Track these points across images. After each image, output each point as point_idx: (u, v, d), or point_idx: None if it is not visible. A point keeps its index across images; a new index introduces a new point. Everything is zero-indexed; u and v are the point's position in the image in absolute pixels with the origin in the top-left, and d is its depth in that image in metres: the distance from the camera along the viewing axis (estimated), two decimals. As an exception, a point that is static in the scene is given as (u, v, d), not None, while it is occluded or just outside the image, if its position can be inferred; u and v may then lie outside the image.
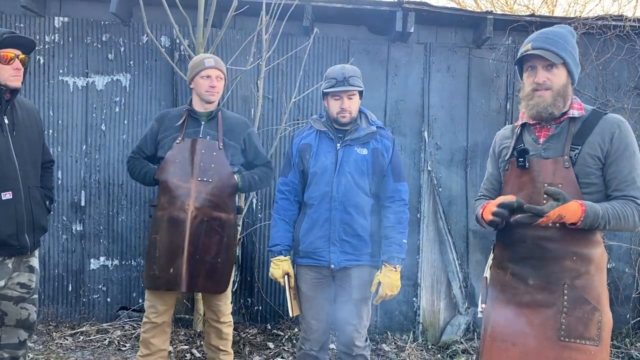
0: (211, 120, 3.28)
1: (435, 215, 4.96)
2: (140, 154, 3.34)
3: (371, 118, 3.11)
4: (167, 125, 3.27)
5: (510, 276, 2.28)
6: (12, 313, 2.73)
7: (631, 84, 5.02)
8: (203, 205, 3.14)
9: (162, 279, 3.12)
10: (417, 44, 4.98)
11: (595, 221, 2.06)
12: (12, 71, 2.61)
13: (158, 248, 3.13)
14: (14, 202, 2.63)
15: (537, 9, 9.85)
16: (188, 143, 3.18)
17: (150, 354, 3.23)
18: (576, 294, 2.13)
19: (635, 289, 5.03)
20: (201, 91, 3.23)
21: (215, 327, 3.37)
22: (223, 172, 3.22)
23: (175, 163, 3.16)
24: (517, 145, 2.34)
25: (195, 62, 3.28)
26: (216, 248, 3.18)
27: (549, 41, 2.21)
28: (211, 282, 3.21)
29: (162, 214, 3.14)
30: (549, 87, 2.20)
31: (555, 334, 2.13)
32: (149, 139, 3.32)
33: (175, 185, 3.13)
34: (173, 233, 3.11)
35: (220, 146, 3.23)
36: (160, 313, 3.22)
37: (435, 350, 4.75)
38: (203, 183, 3.14)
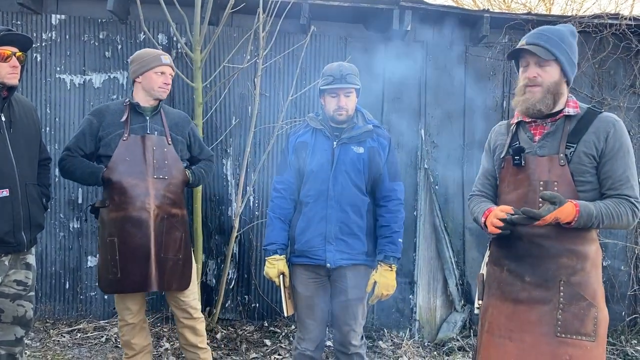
0: (155, 115, 3.20)
1: (432, 213, 4.98)
2: (77, 151, 3.12)
3: (367, 117, 3.12)
4: (109, 121, 3.11)
5: (506, 273, 2.30)
6: (8, 310, 2.74)
7: (627, 83, 5.03)
8: (162, 203, 3.10)
9: (127, 281, 3.03)
10: (414, 41, 4.98)
11: (588, 221, 2.09)
12: (9, 69, 2.61)
13: (118, 250, 3.02)
14: (10, 200, 2.63)
15: (534, 7, 9.85)
16: (137, 140, 3.09)
17: (136, 353, 3.21)
18: (572, 290, 2.15)
19: (631, 287, 5.05)
20: (153, 87, 3.13)
21: (189, 326, 3.30)
22: (176, 168, 3.19)
23: (126, 161, 3.05)
24: (512, 142, 2.36)
25: (149, 57, 3.15)
26: (177, 245, 3.15)
27: (543, 37, 2.22)
28: (176, 280, 3.16)
29: (118, 215, 3.03)
30: (539, 84, 2.21)
31: (552, 330, 2.15)
32: (87, 136, 3.12)
33: (131, 185, 3.03)
34: (136, 234, 3.03)
35: (169, 142, 3.19)
36: (135, 313, 3.17)
37: (432, 347, 4.77)
38: (159, 180, 3.10)
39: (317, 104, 4.84)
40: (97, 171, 3.08)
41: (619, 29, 4.80)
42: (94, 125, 3.13)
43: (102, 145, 3.10)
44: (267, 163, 4.85)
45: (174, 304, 3.30)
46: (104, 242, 3.08)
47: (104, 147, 3.10)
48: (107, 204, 3.08)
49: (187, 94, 4.72)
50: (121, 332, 3.20)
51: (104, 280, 3.10)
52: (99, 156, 3.15)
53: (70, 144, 3.15)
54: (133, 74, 3.18)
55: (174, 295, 3.24)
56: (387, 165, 3.04)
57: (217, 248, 4.84)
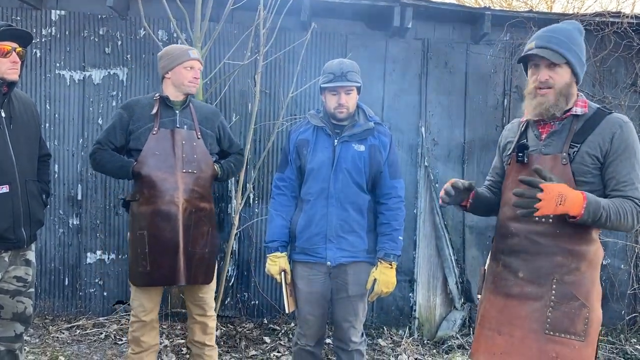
0: (184, 109, 3.22)
1: (432, 211, 4.98)
2: (108, 145, 3.14)
3: (369, 114, 3.10)
4: (139, 115, 3.12)
5: (501, 267, 2.32)
6: (8, 306, 2.73)
7: (628, 81, 5.03)
8: (191, 197, 3.11)
9: (156, 274, 3.06)
10: (414, 39, 4.97)
11: (597, 211, 2.03)
12: (9, 64, 2.60)
13: (147, 244, 3.04)
14: (10, 196, 2.62)
15: (535, 5, 9.84)
16: (167, 133, 3.10)
17: (143, 350, 3.19)
18: (564, 289, 2.15)
19: (631, 286, 5.05)
20: (183, 81, 3.15)
21: (201, 322, 3.31)
22: (205, 163, 3.20)
23: (156, 155, 3.06)
24: (520, 140, 2.36)
25: (177, 52, 3.17)
26: (204, 239, 3.17)
27: (553, 40, 2.19)
28: (202, 274, 3.19)
29: (148, 209, 3.05)
30: (551, 86, 2.20)
31: (541, 327, 2.16)
32: (118, 130, 3.13)
33: (161, 178, 3.05)
34: (165, 228, 3.05)
35: (199, 136, 3.20)
36: (148, 311, 3.16)
37: (431, 345, 4.77)
38: (188, 174, 3.11)
39: (317, 101, 4.84)
40: (127, 165, 3.09)
41: (620, 27, 4.79)
42: (125, 118, 3.13)
43: (132, 139, 3.12)
44: (267, 160, 4.85)
45: (190, 299, 3.31)
46: (135, 235, 3.09)
47: (134, 141, 3.11)
48: (137, 197, 3.10)
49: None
50: (132, 327, 3.19)
51: (134, 273, 3.12)
52: (129, 150, 3.17)
53: (101, 137, 3.17)
54: (162, 70, 3.19)
55: (192, 291, 3.27)
56: (388, 163, 3.04)
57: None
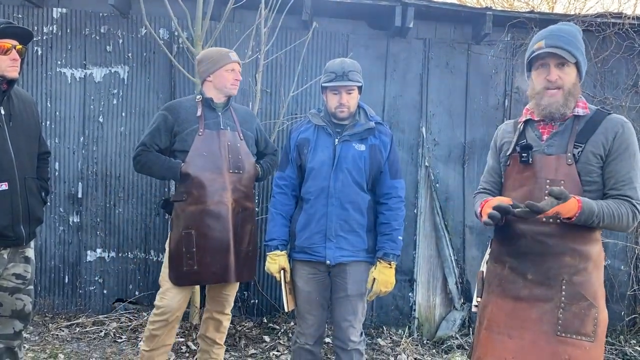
0: (226, 111, 3.27)
1: (432, 211, 4.97)
2: (153, 147, 3.16)
3: (370, 113, 3.10)
4: (183, 117, 3.16)
5: (508, 270, 2.29)
6: (7, 304, 2.73)
7: (629, 82, 5.02)
8: (238, 197, 3.19)
9: (206, 273, 3.11)
10: (416, 39, 4.97)
11: (589, 218, 2.07)
12: (9, 61, 2.60)
13: (195, 243, 3.08)
14: (9, 193, 2.62)
15: (537, 5, 9.83)
16: (213, 135, 3.16)
17: (156, 348, 3.19)
18: (574, 290, 2.14)
19: (630, 287, 5.05)
20: (225, 84, 3.20)
21: (217, 319, 3.36)
22: (248, 163, 3.28)
23: (204, 156, 3.12)
24: (519, 141, 2.35)
25: (218, 55, 3.20)
26: (248, 237, 3.26)
27: (562, 39, 2.20)
28: (247, 271, 3.28)
29: (196, 208, 3.10)
30: (560, 86, 2.20)
31: (552, 329, 2.14)
32: (162, 132, 3.16)
33: (210, 179, 3.11)
34: (215, 227, 3.10)
35: (241, 137, 3.27)
36: (175, 311, 3.15)
37: (431, 345, 4.77)
38: (235, 175, 3.18)
39: (318, 101, 4.83)
40: (176, 166, 3.12)
41: (622, 28, 4.79)
42: (169, 120, 3.16)
43: (178, 140, 3.16)
44: (267, 159, 4.84)
45: (213, 295, 3.35)
46: (179, 235, 3.12)
47: (180, 142, 3.15)
48: (185, 197, 3.13)
49: (189, 89, 4.71)
50: (153, 325, 3.16)
51: (177, 272, 3.13)
52: (173, 151, 3.19)
53: (145, 139, 3.18)
54: (203, 74, 3.22)
55: (218, 287, 3.31)
56: (389, 162, 3.04)
57: (217, 244, 4.83)
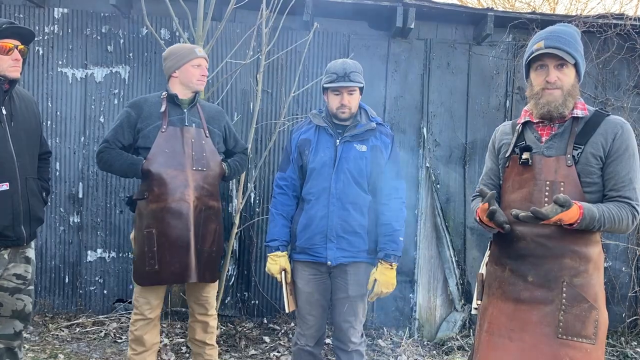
0: (192, 108, 3.21)
1: (433, 212, 4.97)
2: (115, 144, 3.11)
3: (371, 114, 3.10)
4: (147, 113, 3.11)
5: (508, 272, 2.28)
6: (7, 304, 2.73)
7: (631, 83, 5.02)
8: (201, 195, 3.11)
9: (165, 273, 3.04)
10: (417, 40, 4.97)
11: (590, 224, 2.08)
12: (11, 62, 2.60)
13: (157, 242, 3.03)
14: (10, 193, 2.62)
15: (538, 6, 9.83)
16: (177, 131, 3.10)
17: (145, 350, 3.17)
18: (574, 292, 2.14)
19: (632, 288, 5.04)
20: (191, 80, 3.14)
21: (202, 321, 3.30)
22: (214, 161, 3.20)
23: (166, 153, 3.05)
24: (518, 142, 2.34)
25: (183, 51, 3.16)
26: (212, 237, 3.18)
27: (561, 40, 2.19)
28: (209, 272, 3.19)
29: (157, 206, 3.03)
30: (559, 87, 2.20)
31: (553, 331, 2.14)
32: (126, 128, 3.11)
33: (171, 176, 3.04)
34: (176, 225, 3.03)
35: (207, 134, 3.20)
36: (154, 308, 3.15)
37: (431, 346, 4.76)
38: (198, 172, 3.11)
39: (319, 101, 4.83)
40: (137, 163, 3.06)
41: (623, 29, 4.78)
42: (132, 117, 3.11)
43: (141, 137, 3.10)
44: (268, 160, 4.85)
45: (193, 299, 3.29)
46: (142, 234, 3.06)
47: (143, 139, 3.10)
48: (146, 195, 3.07)
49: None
50: (134, 326, 3.15)
51: (140, 273, 3.08)
52: (137, 148, 3.15)
53: (108, 136, 3.13)
54: (169, 70, 3.17)
55: (195, 289, 3.25)
56: (390, 163, 3.03)
57: (218, 244, 4.83)
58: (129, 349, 3.20)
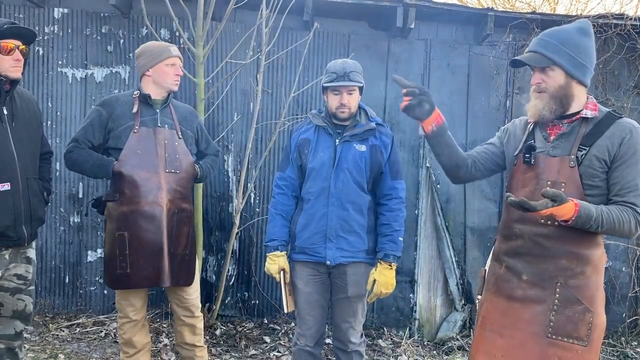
0: (165, 108, 3.15)
1: (433, 212, 4.97)
2: (85, 143, 3.02)
3: (371, 114, 3.10)
4: (119, 113, 3.03)
5: (504, 269, 2.30)
6: (8, 304, 2.72)
7: (631, 83, 5.02)
8: (174, 197, 3.06)
9: (138, 276, 2.97)
10: (417, 40, 4.97)
11: (586, 222, 2.04)
12: (12, 62, 2.59)
13: (128, 245, 2.96)
14: (11, 194, 2.61)
15: (538, 6, 9.82)
16: (150, 132, 3.03)
17: (137, 351, 3.15)
18: (568, 293, 2.13)
19: (632, 288, 5.04)
20: (165, 79, 3.07)
21: (189, 324, 3.25)
22: (187, 163, 3.15)
23: (138, 154, 2.98)
24: (527, 140, 2.34)
25: (157, 50, 3.09)
26: (185, 240, 3.13)
27: (541, 43, 2.20)
28: (184, 275, 3.13)
29: (129, 209, 2.97)
30: (543, 90, 2.21)
31: (543, 330, 2.14)
32: (96, 127, 3.02)
33: (144, 178, 2.97)
34: (149, 229, 2.97)
35: (180, 135, 3.15)
36: (138, 309, 3.11)
37: (431, 346, 4.77)
38: (171, 174, 3.05)
39: (319, 101, 4.83)
40: (108, 164, 2.99)
41: (623, 29, 4.78)
42: (103, 116, 3.04)
43: (112, 137, 3.03)
44: (268, 160, 4.85)
45: (175, 302, 3.23)
46: (112, 236, 3.00)
47: (114, 139, 3.02)
48: (117, 197, 3.00)
49: (189, 89, 4.71)
50: (122, 330, 3.12)
51: (111, 276, 3.02)
52: (107, 148, 3.08)
53: (77, 135, 3.05)
54: (142, 68, 3.10)
55: (177, 293, 3.19)
56: (389, 163, 3.04)
57: (218, 244, 4.83)
58: (122, 353, 3.18)
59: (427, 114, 2.33)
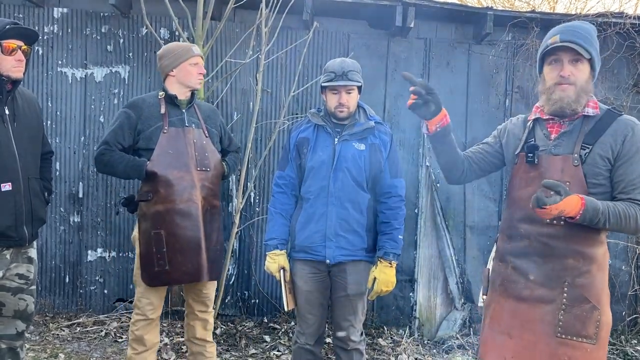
0: (190, 108, 3.21)
1: (433, 211, 4.97)
2: (116, 145, 3.06)
3: (370, 113, 3.11)
4: (147, 114, 3.08)
5: (511, 270, 2.28)
6: (10, 304, 2.72)
7: (630, 82, 5.02)
8: (207, 195, 3.14)
9: (178, 272, 3.05)
10: (416, 39, 4.97)
11: (594, 216, 2.03)
12: (14, 62, 2.59)
13: (166, 242, 3.02)
14: (13, 194, 2.61)
15: (537, 5, 9.83)
16: (179, 132, 3.09)
17: (146, 349, 3.17)
18: (576, 292, 2.13)
19: (631, 287, 5.05)
20: (189, 78, 3.13)
21: (202, 319, 3.30)
22: (215, 161, 3.22)
23: (170, 154, 3.04)
24: (528, 139, 2.33)
25: (180, 50, 3.14)
26: (216, 235, 3.21)
27: (577, 35, 2.15)
28: (216, 269, 3.22)
29: (164, 208, 3.02)
30: (572, 82, 2.16)
31: (552, 330, 2.14)
32: (126, 130, 3.07)
33: (177, 177, 3.03)
34: (185, 226, 3.04)
35: (207, 134, 3.22)
36: (155, 307, 3.15)
37: (431, 345, 4.77)
38: (202, 172, 3.12)
39: (318, 100, 4.83)
40: (141, 164, 3.03)
41: (623, 28, 4.78)
42: (132, 118, 3.08)
43: (142, 139, 3.08)
44: (268, 159, 4.85)
45: (192, 297, 3.29)
46: (148, 235, 3.05)
47: (145, 140, 3.07)
48: (150, 197, 3.05)
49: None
50: (135, 326, 3.15)
51: (148, 273, 3.07)
52: (137, 149, 3.13)
53: (107, 137, 3.08)
54: (166, 69, 3.15)
55: (196, 287, 3.24)
56: (389, 162, 3.04)
57: (218, 243, 4.83)
58: (129, 348, 3.20)
59: (433, 114, 2.33)
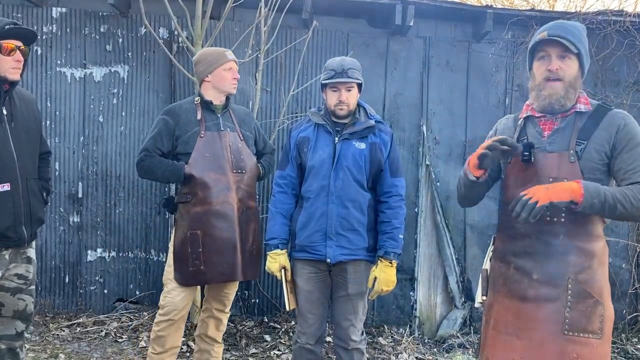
0: (225, 112, 3.30)
1: (433, 210, 4.97)
2: (155, 151, 3.19)
3: (370, 112, 3.10)
4: (184, 120, 3.19)
5: (513, 270, 2.27)
6: (9, 304, 2.72)
7: (630, 80, 5.01)
8: (242, 197, 3.23)
9: (213, 272, 3.13)
10: (416, 37, 4.96)
11: (597, 198, 2.01)
12: (12, 63, 2.58)
13: (202, 243, 3.11)
14: (11, 194, 2.61)
15: (537, 3, 9.81)
16: (215, 136, 3.19)
17: (164, 351, 3.18)
18: (580, 288, 2.13)
19: (632, 285, 5.05)
20: (225, 83, 3.22)
21: (217, 318, 3.37)
22: (251, 163, 3.32)
23: (206, 157, 3.15)
24: (520, 137, 2.32)
25: (215, 55, 3.22)
26: (252, 236, 3.29)
27: (565, 30, 2.18)
28: (251, 269, 3.29)
29: (202, 209, 3.12)
30: (560, 78, 2.18)
31: (559, 328, 2.13)
32: (164, 135, 3.19)
33: (214, 179, 3.13)
34: (222, 227, 3.13)
35: (242, 137, 3.31)
36: (180, 310, 3.16)
37: (432, 344, 4.77)
38: (238, 175, 3.21)
39: (318, 99, 4.83)
40: (179, 168, 3.14)
41: (622, 26, 4.78)
42: (170, 124, 3.19)
43: (180, 143, 3.18)
44: (268, 158, 4.84)
45: (213, 295, 3.36)
46: (184, 235, 3.14)
47: (182, 145, 3.18)
48: (189, 198, 3.15)
49: (189, 88, 4.71)
50: (157, 326, 3.17)
51: (182, 272, 3.14)
52: (176, 154, 3.22)
53: (147, 144, 3.20)
54: (201, 74, 3.24)
55: (220, 286, 3.31)
56: (389, 161, 3.04)
57: (218, 243, 4.83)
58: (150, 347, 3.23)
59: (489, 167, 2.32)
